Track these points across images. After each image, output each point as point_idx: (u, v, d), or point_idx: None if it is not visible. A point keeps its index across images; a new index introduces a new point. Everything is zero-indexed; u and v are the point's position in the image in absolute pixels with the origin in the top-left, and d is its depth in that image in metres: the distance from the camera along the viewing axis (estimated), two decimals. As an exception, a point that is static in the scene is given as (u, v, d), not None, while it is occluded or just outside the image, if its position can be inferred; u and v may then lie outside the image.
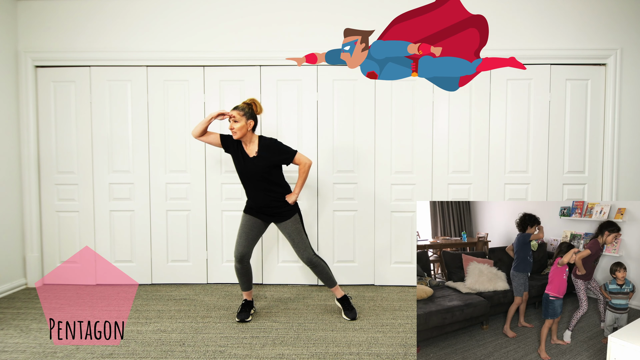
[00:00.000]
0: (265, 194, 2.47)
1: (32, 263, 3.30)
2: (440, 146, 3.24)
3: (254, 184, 2.46)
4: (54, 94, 3.29)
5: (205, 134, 2.49)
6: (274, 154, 2.45)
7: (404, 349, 2.21)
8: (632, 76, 3.14)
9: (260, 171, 2.43)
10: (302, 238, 2.53)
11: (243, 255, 2.52)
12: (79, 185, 3.32)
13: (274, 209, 2.49)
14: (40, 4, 3.24)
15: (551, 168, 3.23)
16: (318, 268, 2.56)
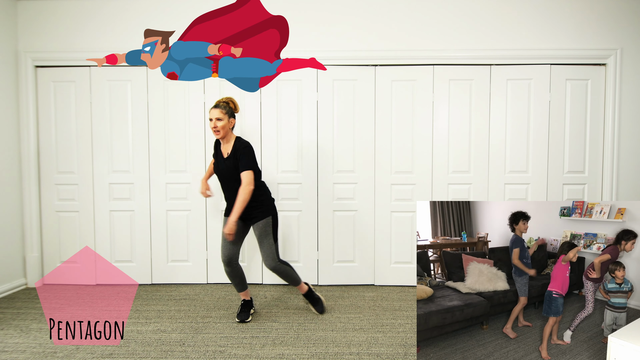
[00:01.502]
0: (235, 194, 2.42)
1: (32, 263, 3.30)
2: (440, 146, 3.24)
3: (226, 184, 2.46)
4: (54, 94, 3.29)
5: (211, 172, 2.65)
6: (237, 158, 2.39)
7: (404, 349, 2.21)
8: (632, 76, 3.14)
9: (231, 171, 2.41)
10: (269, 243, 2.47)
11: (230, 258, 2.50)
12: (79, 185, 3.32)
13: (247, 209, 2.44)
14: (40, 4, 3.24)
15: (551, 168, 3.23)
16: (282, 274, 2.53)
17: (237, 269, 2.55)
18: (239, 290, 2.63)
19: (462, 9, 3.17)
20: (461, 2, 3.17)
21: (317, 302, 2.69)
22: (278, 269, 2.51)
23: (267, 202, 2.51)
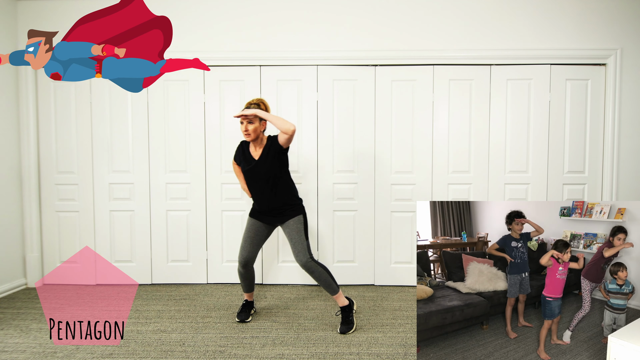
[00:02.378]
0: (273, 195, 2.41)
1: (32, 263, 3.30)
2: (440, 146, 3.24)
3: (261, 185, 2.41)
4: (54, 94, 3.29)
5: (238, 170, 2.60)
6: (275, 152, 2.38)
7: (404, 349, 2.21)
8: (632, 76, 3.14)
9: (267, 171, 2.38)
10: (302, 239, 2.44)
11: (247, 260, 2.49)
12: (79, 185, 3.32)
13: (279, 209, 2.44)
14: (40, 4, 3.24)
15: (551, 168, 3.23)
16: (315, 274, 2.42)
17: (251, 271, 2.55)
18: (245, 290, 2.62)
19: (462, 9, 3.17)
20: (461, 2, 3.17)
21: (348, 323, 2.46)
22: (310, 267, 2.41)
23: (298, 202, 2.50)
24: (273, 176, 2.39)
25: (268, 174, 2.38)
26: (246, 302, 2.66)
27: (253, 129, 2.33)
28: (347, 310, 2.49)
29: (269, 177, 2.39)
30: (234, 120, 3.25)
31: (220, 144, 3.27)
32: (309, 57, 3.20)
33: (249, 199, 3.29)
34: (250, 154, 2.44)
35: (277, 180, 2.41)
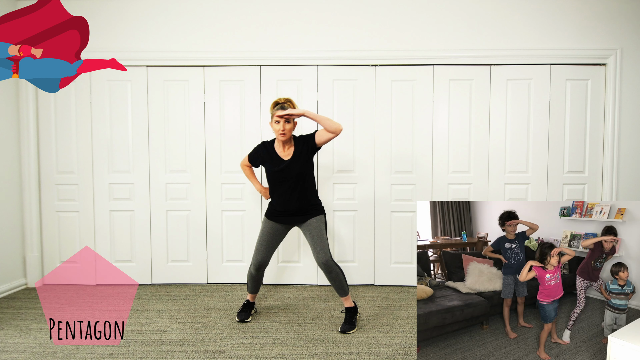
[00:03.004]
0: (301, 196, 2.40)
1: (32, 263, 3.30)
2: (440, 146, 3.24)
3: (290, 185, 2.38)
4: (54, 94, 3.29)
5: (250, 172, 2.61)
6: (305, 143, 2.38)
7: (404, 349, 2.21)
8: (632, 76, 3.14)
9: (299, 171, 2.37)
10: (323, 238, 2.42)
11: (262, 263, 2.49)
12: (79, 185, 3.32)
13: (305, 209, 2.42)
14: (40, 4, 3.24)
15: (551, 168, 3.23)
16: (332, 274, 2.40)
17: (262, 274, 2.56)
18: (251, 292, 2.62)
19: (462, 8, 3.17)
20: (461, 2, 3.17)
21: (350, 324, 2.45)
22: (330, 266, 2.39)
23: (320, 202, 2.51)
24: (303, 176, 2.39)
25: (299, 174, 2.37)
26: (247, 302, 2.66)
27: (289, 129, 2.33)
28: (351, 312, 2.49)
29: (300, 177, 2.38)
30: (234, 120, 3.25)
31: (220, 144, 3.27)
32: (309, 57, 3.20)
33: (248, 199, 3.29)
34: (278, 154, 2.41)
35: (306, 180, 2.41)
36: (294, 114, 2.28)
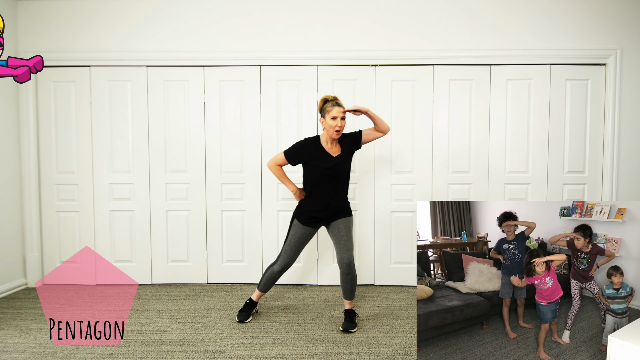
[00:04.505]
0: (341, 193, 2.43)
1: (32, 263, 3.30)
2: (440, 146, 3.24)
3: (336, 184, 2.39)
4: (54, 94, 3.29)
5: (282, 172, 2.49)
6: (351, 141, 2.42)
7: (404, 349, 2.21)
8: (632, 76, 3.14)
9: (345, 168, 2.41)
10: (351, 239, 2.43)
11: (289, 265, 2.52)
12: (79, 185, 3.32)
13: (340, 208, 2.44)
14: (40, 4, 3.24)
15: (551, 168, 3.23)
16: (350, 275, 2.41)
17: (281, 275, 2.58)
18: (262, 290, 2.61)
19: (462, 9, 3.17)
20: (461, 2, 3.17)
21: (351, 323, 2.46)
22: (352, 267, 2.40)
23: (349, 202, 2.54)
24: (347, 174, 2.44)
25: (345, 171, 2.41)
26: (250, 301, 2.64)
27: (343, 126, 2.33)
28: (352, 313, 2.50)
29: (346, 174, 2.43)
30: (234, 120, 3.25)
31: (220, 144, 3.27)
32: (309, 57, 3.20)
33: (248, 198, 3.29)
34: (327, 151, 2.38)
35: (348, 178, 2.46)
36: (361, 109, 2.32)
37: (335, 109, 2.29)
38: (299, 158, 2.42)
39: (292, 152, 2.42)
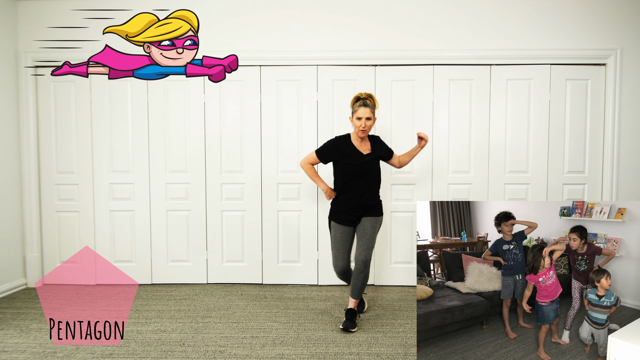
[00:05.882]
0: (373, 191, 2.48)
1: (32, 263, 3.30)
2: (440, 146, 3.24)
3: (366, 182, 2.43)
4: (54, 94, 3.29)
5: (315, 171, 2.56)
6: (383, 147, 2.53)
7: (404, 349, 2.21)
8: (632, 76, 3.14)
9: (375, 166, 2.47)
10: (373, 239, 2.46)
11: (345, 268, 2.51)
12: (79, 185, 3.32)
13: (372, 206, 2.48)
14: (40, 4, 3.24)
15: (551, 168, 3.23)
16: (364, 273, 2.43)
17: (349, 274, 2.56)
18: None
19: (462, 9, 3.17)
20: (461, 2, 3.17)
21: (351, 322, 2.45)
22: (368, 266, 2.44)
23: (381, 201, 2.58)
24: (378, 172, 2.50)
25: (375, 170, 2.47)
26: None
27: (369, 126, 2.39)
28: (353, 313, 2.51)
29: (376, 173, 2.48)
30: (234, 120, 3.25)
31: (220, 144, 3.27)
32: (309, 57, 3.20)
33: (248, 198, 3.29)
34: (358, 150, 2.44)
35: (379, 177, 2.52)
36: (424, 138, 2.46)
37: (360, 110, 2.36)
38: (330, 156, 2.48)
39: (323, 150, 2.49)
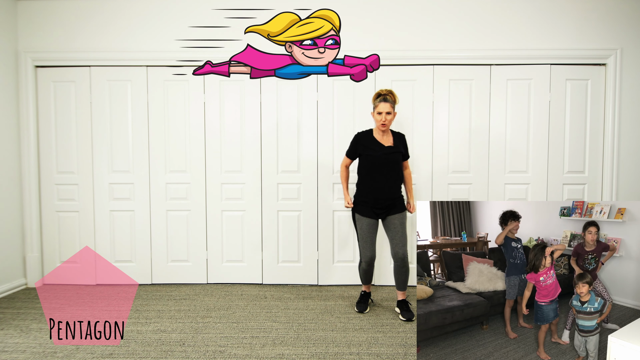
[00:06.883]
0: (394, 184, 2.56)
1: (32, 263, 3.30)
2: (440, 146, 3.24)
3: (386, 173, 2.53)
4: (54, 94, 3.29)
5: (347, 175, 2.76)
6: (404, 146, 2.64)
7: (404, 349, 2.21)
8: (632, 76, 3.14)
9: (397, 159, 2.55)
10: (405, 234, 2.59)
11: (373, 258, 2.64)
12: (79, 185, 3.32)
13: (395, 199, 2.58)
14: (40, 4, 3.24)
15: (551, 168, 3.23)
16: (404, 268, 2.58)
17: (374, 266, 2.72)
18: (365, 283, 2.78)
19: (462, 9, 3.17)
20: (461, 2, 3.17)
21: (409, 311, 2.61)
22: (406, 260, 2.58)
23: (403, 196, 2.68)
24: (399, 165, 2.58)
25: (397, 162, 2.56)
26: (364, 292, 2.81)
27: (389, 120, 2.51)
28: (406, 302, 2.65)
29: (397, 164, 2.56)
30: (234, 120, 3.25)
31: (220, 144, 3.27)
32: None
33: (249, 198, 3.29)
34: (379, 142, 2.56)
35: (400, 170, 2.61)
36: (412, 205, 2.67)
37: (381, 105, 2.48)
38: (355, 151, 2.64)
39: (349, 149, 2.69)
